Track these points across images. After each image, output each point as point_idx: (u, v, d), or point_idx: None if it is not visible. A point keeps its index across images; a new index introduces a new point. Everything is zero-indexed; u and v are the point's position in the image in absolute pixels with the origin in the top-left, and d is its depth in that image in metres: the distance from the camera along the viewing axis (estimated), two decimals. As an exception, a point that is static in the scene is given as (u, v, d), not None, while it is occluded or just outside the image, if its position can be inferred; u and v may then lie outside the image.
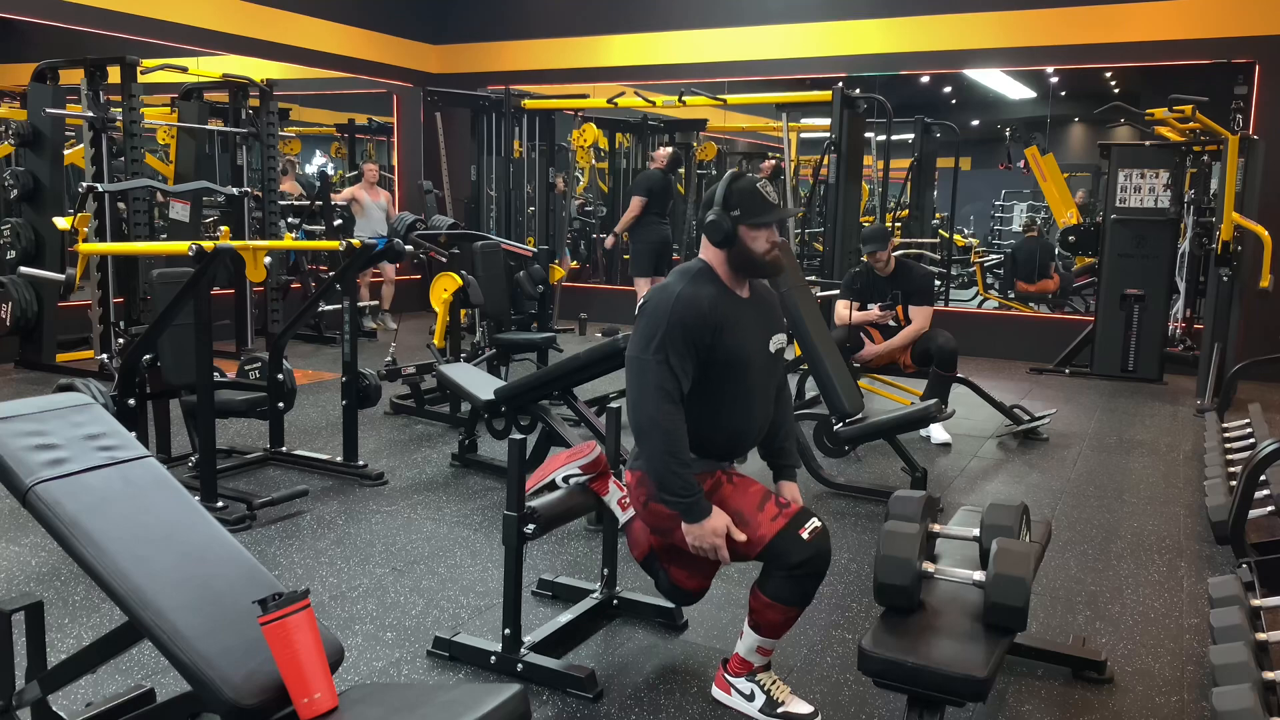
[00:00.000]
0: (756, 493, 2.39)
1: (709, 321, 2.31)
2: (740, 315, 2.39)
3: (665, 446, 2.29)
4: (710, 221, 2.37)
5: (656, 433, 2.29)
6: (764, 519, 2.32)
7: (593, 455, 2.69)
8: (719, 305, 2.35)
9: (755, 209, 2.36)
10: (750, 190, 2.37)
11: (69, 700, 2.36)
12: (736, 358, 2.37)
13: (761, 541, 2.31)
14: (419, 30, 10.27)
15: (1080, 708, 2.56)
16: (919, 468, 4.24)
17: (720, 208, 2.36)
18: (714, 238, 2.38)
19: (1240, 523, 3.48)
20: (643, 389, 2.31)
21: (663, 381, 2.28)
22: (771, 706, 2.43)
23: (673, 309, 2.30)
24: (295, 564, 3.41)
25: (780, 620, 2.39)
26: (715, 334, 2.32)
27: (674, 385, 2.29)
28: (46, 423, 2.03)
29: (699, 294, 2.34)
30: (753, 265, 2.40)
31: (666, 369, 2.28)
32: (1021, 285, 9.88)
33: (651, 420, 2.29)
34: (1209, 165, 7.31)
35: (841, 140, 6.88)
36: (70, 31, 7.24)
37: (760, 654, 2.46)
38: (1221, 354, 6.39)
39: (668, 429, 2.29)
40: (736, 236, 2.36)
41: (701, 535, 2.31)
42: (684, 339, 2.29)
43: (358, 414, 4.55)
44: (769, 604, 2.36)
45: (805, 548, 2.29)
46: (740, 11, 9.06)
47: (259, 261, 4.04)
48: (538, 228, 9.65)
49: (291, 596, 1.79)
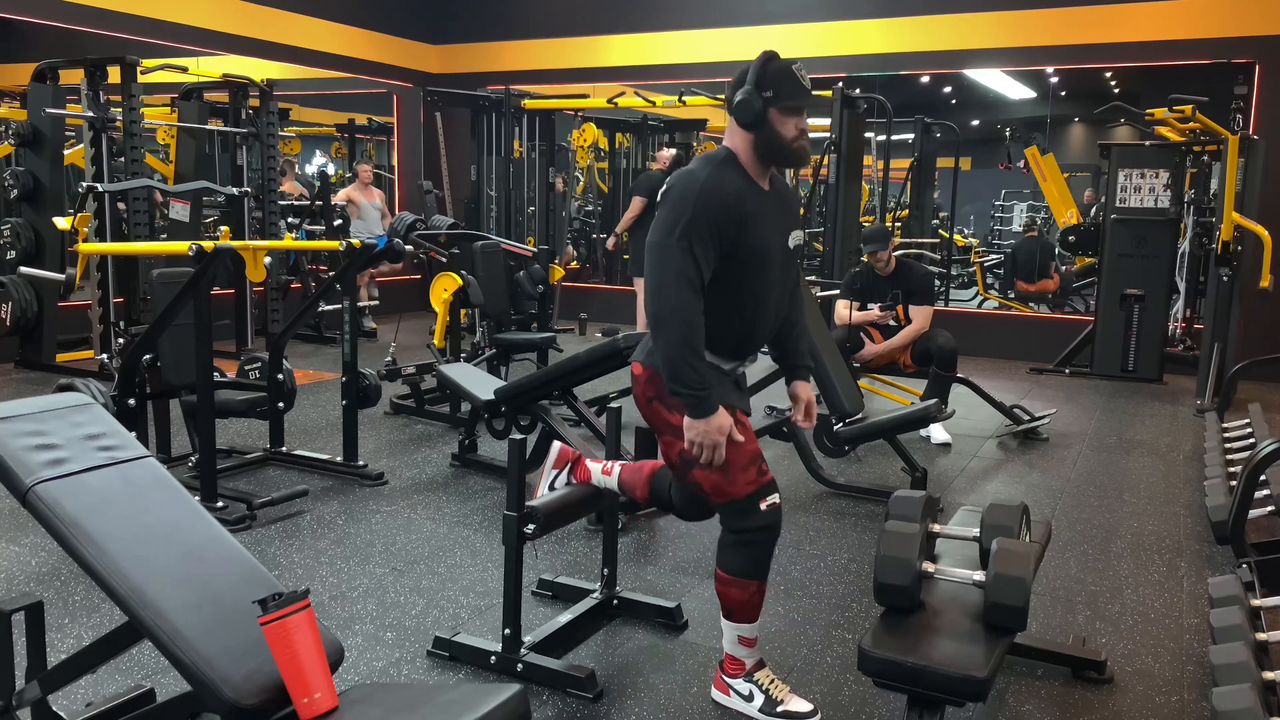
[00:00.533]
0: (751, 451, 2.37)
1: (734, 212, 2.25)
2: (762, 208, 2.32)
3: (683, 336, 2.22)
4: (740, 100, 2.27)
5: (676, 322, 2.22)
6: (743, 479, 2.33)
7: (554, 453, 2.74)
8: (744, 196, 2.28)
9: (789, 91, 2.27)
10: (785, 71, 2.28)
11: (69, 700, 2.35)
12: (757, 251, 2.31)
13: (729, 495, 2.33)
14: (419, 30, 10.27)
15: (1080, 708, 2.56)
16: (919, 468, 4.24)
17: (752, 87, 2.27)
18: (743, 118, 2.29)
19: (1240, 523, 3.48)
20: (664, 276, 2.23)
21: (685, 269, 2.21)
22: (771, 705, 2.43)
23: (699, 196, 2.23)
24: (295, 564, 3.41)
25: (743, 597, 2.39)
26: (739, 226, 2.26)
27: (696, 274, 2.22)
28: (46, 423, 2.03)
29: (724, 183, 2.27)
30: (780, 151, 2.32)
31: (689, 257, 2.21)
32: (1021, 285, 9.88)
33: (672, 309, 2.22)
34: (1209, 165, 7.31)
35: (841, 140, 6.89)
36: (70, 31, 7.25)
37: (745, 645, 2.46)
38: (1221, 354, 6.39)
39: (687, 318, 2.22)
40: (766, 119, 2.28)
41: (706, 431, 2.26)
42: (708, 227, 2.22)
43: (358, 414, 4.55)
44: (728, 579, 2.38)
45: (759, 517, 2.32)
46: (740, 11, 9.06)
47: (259, 261, 4.04)
48: (538, 228, 9.65)
49: (291, 596, 1.79)
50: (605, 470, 2.70)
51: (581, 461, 2.75)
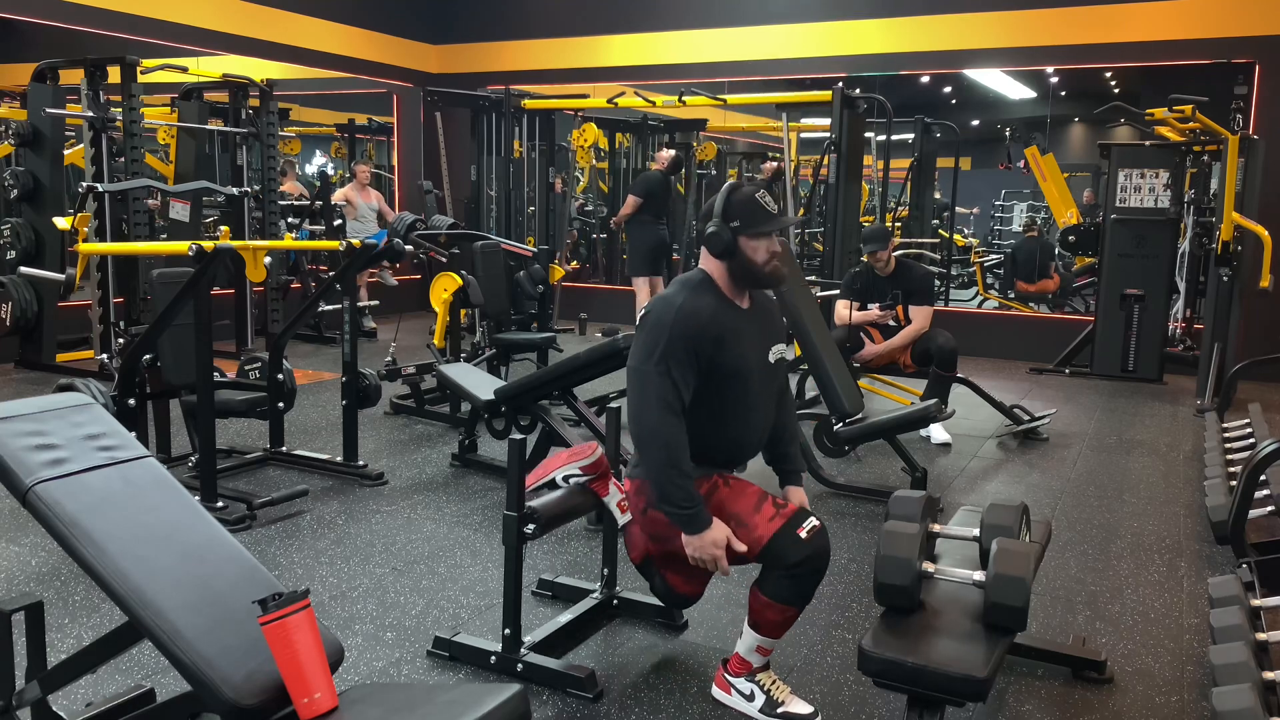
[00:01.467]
0: (753, 494, 2.39)
1: (709, 333, 2.32)
2: (741, 326, 2.40)
3: (666, 458, 2.29)
4: (710, 233, 2.38)
5: (657, 444, 2.29)
6: (761, 520, 2.33)
7: (594, 457, 2.69)
8: (719, 317, 2.35)
9: (755, 219, 2.36)
10: (749, 201, 2.37)
11: (69, 700, 2.35)
12: (737, 369, 2.37)
13: (760, 543, 2.32)
14: (419, 30, 10.27)
15: (1080, 708, 2.56)
16: (919, 468, 4.24)
17: (720, 219, 2.37)
18: (714, 249, 2.39)
19: (1240, 523, 3.48)
20: (644, 400, 2.31)
21: (664, 393, 2.28)
22: (771, 706, 2.44)
23: (674, 321, 2.30)
24: (295, 564, 3.41)
25: (779, 620, 2.39)
26: (716, 345, 2.33)
27: (675, 397, 2.29)
28: (46, 423, 2.03)
29: (700, 306, 2.34)
30: (753, 276, 2.40)
31: (668, 381, 2.28)
32: (1021, 285, 9.88)
33: (653, 432, 2.29)
34: (1209, 165, 7.31)
35: (841, 140, 6.88)
36: (70, 31, 7.24)
37: (759, 653, 2.47)
38: (1221, 354, 6.39)
39: (668, 440, 2.29)
40: (737, 248, 2.36)
41: (701, 546, 2.31)
42: (685, 350, 2.29)
43: (358, 414, 4.55)
44: (768, 603, 2.36)
45: (803, 547, 2.29)
46: (740, 11, 9.06)
47: (259, 261, 4.04)
48: (538, 228, 9.65)
49: (291, 596, 1.79)
50: (621, 506, 2.64)
51: (608, 479, 2.69)
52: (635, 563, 2.60)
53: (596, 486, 2.69)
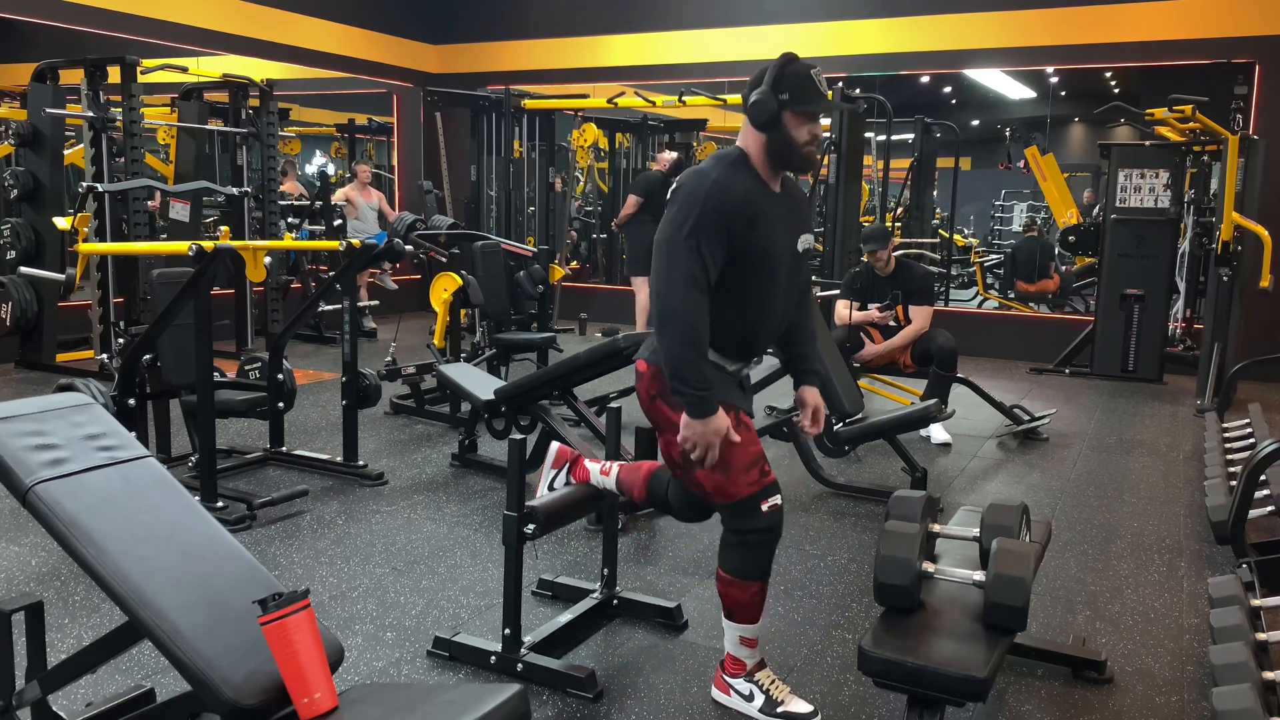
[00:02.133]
0: (753, 452, 2.37)
1: (744, 211, 2.25)
2: (772, 209, 2.32)
3: (688, 335, 2.22)
4: (756, 101, 2.27)
5: (680, 320, 2.22)
6: (745, 480, 2.33)
7: (552, 453, 2.74)
8: (753, 196, 2.28)
9: (805, 95, 2.27)
10: (804, 75, 2.28)
11: (69, 700, 2.35)
12: (765, 253, 2.31)
13: (731, 496, 2.33)
14: (419, 30, 10.27)
15: (1080, 708, 2.56)
16: (919, 468, 4.24)
17: (769, 88, 2.27)
18: (757, 118, 2.28)
19: (1240, 523, 3.48)
20: (670, 274, 2.23)
21: (691, 268, 2.21)
22: (771, 706, 2.43)
23: (709, 194, 2.23)
24: (295, 564, 3.41)
25: (745, 598, 2.39)
26: (749, 225, 2.26)
27: (702, 273, 2.22)
28: (46, 423, 2.03)
29: (735, 182, 2.27)
30: (791, 156, 2.32)
31: (697, 255, 2.21)
32: (1021, 285, 9.88)
33: (677, 308, 2.22)
34: (1209, 165, 7.31)
35: (841, 140, 6.88)
36: (70, 31, 7.24)
37: (746, 646, 2.46)
38: (1221, 354, 6.39)
39: (692, 318, 2.22)
40: (780, 122, 2.27)
41: (702, 432, 2.25)
42: (717, 226, 2.22)
43: (358, 414, 4.55)
44: (730, 580, 2.38)
45: (761, 518, 2.32)
46: (740, 11, 9.06)
47: (259, 261, 4.04)
48: (538, 228, 9.65)
49: (291, 596, 1.79)
50: (603, 470, 2.71)
51: (580, 461, 2.75)
52: (641, 498, 2.60)
53: (578, 475, 2.72)
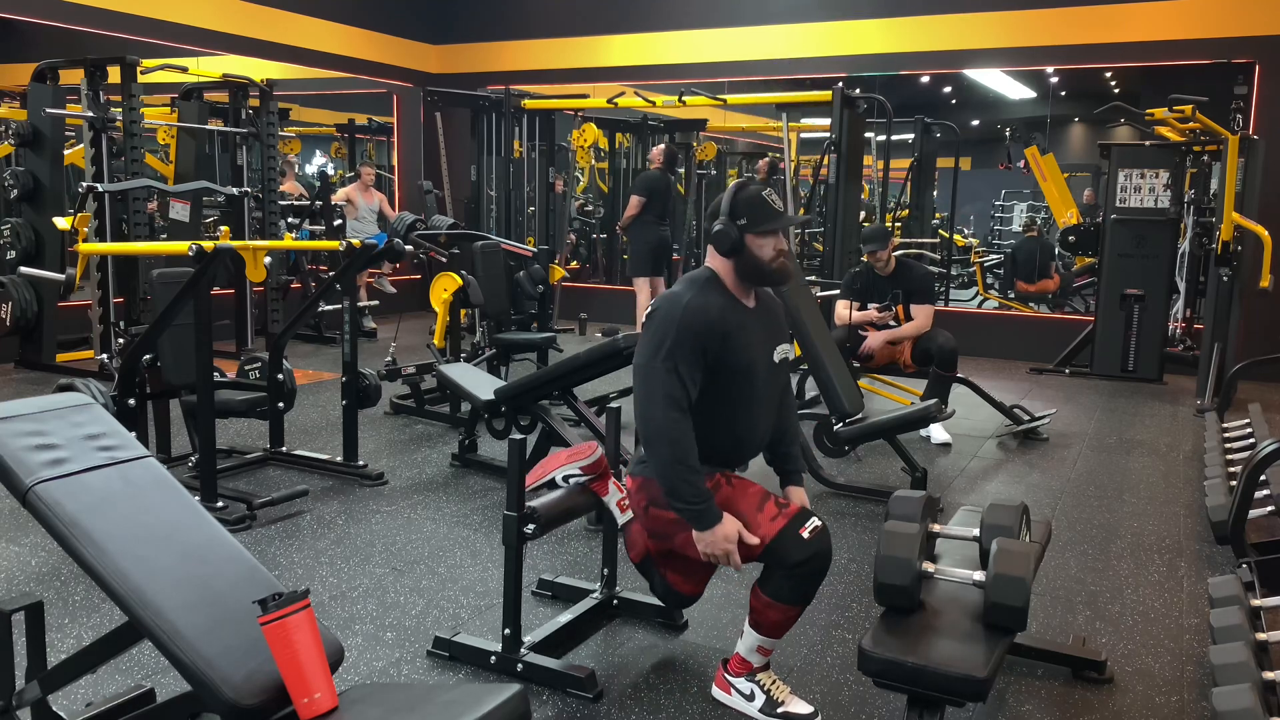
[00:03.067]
0: (756, 493, 2.39)
1: (717, 330, 2.32)
2: (747, 324, 2.40)
3: (674, 455, 2.28)
4: (717, 231, 2.38)
5: (664, 441, 2.29)
6: (764, 519, 2.32)
7: (594, 457, 2.69)
8: (726, 314, 2.36)
9: (761, 217, 2.36)
10: (756, 199, 2.38)
11: (69, 700, 2.35)
12: (742, 367, 2.38)
13: (762, 542, 2.32)
14: (419, 30, 10.27)
15: (1080, 708, 2.56)
16: (919, 468, 4.24)
17: (726, 217, 2.37)
18: (721, 247, 2.38)
19: (1240, 523, 3.48)
20: (650, 397, 2.30)
21: (670, 390, 2.28)
22: (771, 706, 2.44)
23: (682, 317, 2.30)
24: (295, 564, 3.41)
25: (780, 619, 2.39)
26: (723, 342, 2.33)
27: (682, 393, 2.29)
28: (46, 423, 2.03)
29: (708, 302, 2.34)
30: (760, 273, 2.41)
31: (675, 377, 2.28)
32: (1021, 285, 9.88)
33: (660, 429, 2.29)
34: (1209, 165, 7.31)
35: (841, 140, 6.88)
36: (70, 31, 7.24)
37: (760, 654, 2.47)
38: (1221, 354, 6.39)
39: (676, 437, 2.28)
40: (744, 245, 2.37)
41: (714, 542, 2.30)
42: (692, 347, 2.29)
43: (358, 414, 4.55)
44: (769, 603, 2.36)
45: (805, 547, 2.29)
46: (740, 11, 9.06)
47: (259, 261, 4.04)
48: (538, 228, 9.65)
49: (291, 596, 1.79)
50: (620, 505, 2.66)
51: (607, 479, 2.71)
52: (635, 562, 2.60)
53: (596, 486, 2.69)
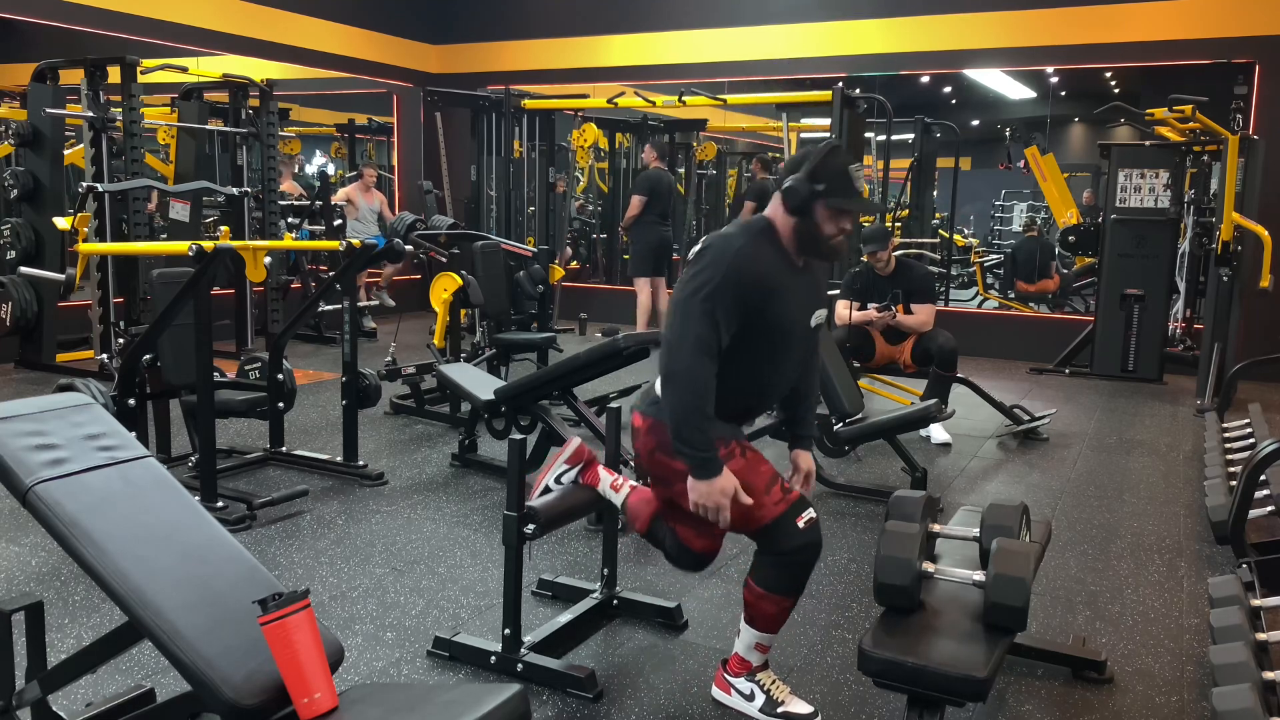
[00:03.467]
0: (767, 472, 2.37)
1: (762, 284, 2.26)
2: (792, 285, 2.33)
3: (693, 399, 2.22)
4: (790, 187, 2.27)
5: (687, 381, 2.22)
6: (768, 501, 2.32)
7: (572, 447, 2.69)
8: (774, 269, 2.29)
9: (840, 190, 2.27)
10: (841, 171, 2.28)
11: (69, 700, 2.35)
12: (780, 326, 2.32)
13: (760, 521, 2.31)
14: (419, 30, 10.27)
15: (1080, 708, 2.56)
16: (919, 468, 4.24)
17: (806, 177, 2.26)
18: (789, 202, 2.29)
19: (1240, 523, 3.48)
20: (682, 336, 2.23)
21: (703, 332, 2.21)
22: (771, 706, 2.43)
23: (731, 261, 2.23)
24: (295, 564, 3.41)
25: (775, 611, 2.38)
26: (765, 297, 2.26)
27: (714, 339, 2.22)
28: (46, 423, 2.03)
29: (760, 254, 2.28)
30: (815, 244, 2.33)
31: (709, 321, 2.21)
32: (1021, 285, 9.88)
33: (686, 369, 2.22)
34: (1209, 165, 7.31)
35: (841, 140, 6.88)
36: (70, 31, 7.24)
37: (759, 651, 2.46)
38: (1221, 354, 6.39)
39: (697, 381, 2.22)
40: (811, 210, 2.28)
41: (709, 494, 2.25)
42: (734, 296, 2.22)
43: (358, 414, 4.55)
44: (762, 594, 2.36)
45: (798, 535, 2.31)
46: (740, 11, 9.06)
47: (259, 261, 4.04)
48: (538, 228, 9.65)
49: (291, 596, 1.79)
50: (614, 485, 2.66)
51: (595, 466, 2.72)
52: (641, 532, 2.58)
53: (587, 478, 2.69)
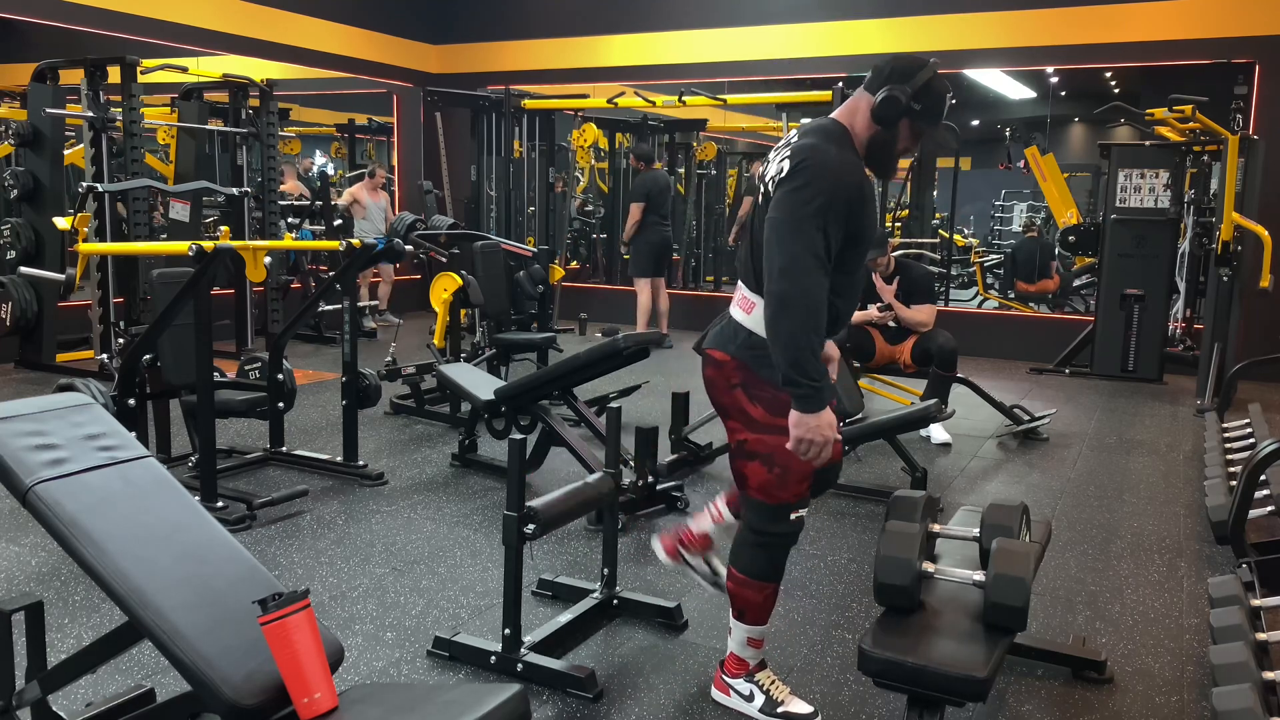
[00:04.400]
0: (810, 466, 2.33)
1: (857, 193, 2.17)
2: (871, 193, 2.26)
3: (811, 321, 2.09)
4: (889, 97, 2.18)
5: (804, 307, 2.08)
6: (794, 489, 2.31)
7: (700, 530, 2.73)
8: (863, 177, 2.23)
9: (935, 114, 2.22)
10: (942, 96, 2.22)
11: (69, 700, 2.35)
12: (865, 236, 2.24)
13: (772, 499, 2.32)
14: (419, 30, 10.27)
15: (1080, 708, 2.56)
16: (919, 468, 4.24)
17: (910, 90, 2.18)
18: (885, 111, 2.19)
19: (1240, 523, 3.48)
20: (795, 254, 2.08)
21: (818, 249, 2.09)
22: (771, 706, 2.43)
23: (837, 174, 2.13)
24: (295, 564, 3.41)
25: (759, 600, 2.39)
26: (861, 207, 2.18)
27: (826, 255, 2.11)
28: (46, 423, 2.03)
29: (852, 161, 2.20)
30: (885, 158, 2.27)
31: (823, 236, 2.10)
32: (1021, 285, 9.88)
33: (804, 292, 2.08)
34: (1209, 165, 7.31)
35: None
36: (70, 31, 7.24)
37: (752, 647, 2.46)
38: (1221, 354, 6.39)
39: (817, 303, 2.10)
40: (897, 124, 2.21)
41: (817, 428, 2.13)
42: (844, 206, 2.13)
43: (358, 414, 4.54)
44: (744, 580, 2.37)
45: (787, 524, 2.34)
46: (740, 11, 9.06)
47: (259, 261, 4.04)
48: (538, 228, 9.65)
49: (291, 596, 1.79)
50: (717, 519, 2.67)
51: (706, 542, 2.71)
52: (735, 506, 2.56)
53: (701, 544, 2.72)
